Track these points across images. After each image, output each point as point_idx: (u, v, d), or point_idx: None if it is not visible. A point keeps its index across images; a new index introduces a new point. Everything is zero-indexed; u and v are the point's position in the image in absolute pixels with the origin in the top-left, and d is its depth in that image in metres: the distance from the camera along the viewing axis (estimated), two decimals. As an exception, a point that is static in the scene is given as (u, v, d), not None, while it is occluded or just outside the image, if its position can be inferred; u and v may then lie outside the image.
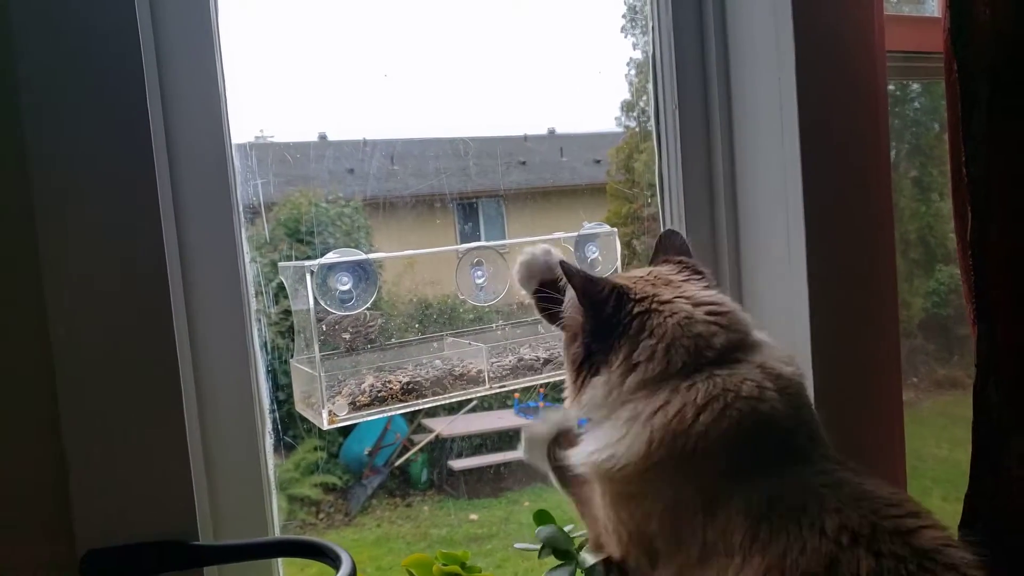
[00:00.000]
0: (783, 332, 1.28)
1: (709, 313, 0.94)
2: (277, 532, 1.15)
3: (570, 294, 1.00)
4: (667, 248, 1.10)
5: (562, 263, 0.96)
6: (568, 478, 1.04)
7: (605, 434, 0.91)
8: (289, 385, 1.20)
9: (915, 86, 1.93)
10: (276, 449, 1.18)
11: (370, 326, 1.19)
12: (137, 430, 0.94)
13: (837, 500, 0.80)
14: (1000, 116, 0.96)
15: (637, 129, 1.73)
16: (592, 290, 0.96)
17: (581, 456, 0.93)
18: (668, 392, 0.88)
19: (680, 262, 1.06)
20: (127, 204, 0.93)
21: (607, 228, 1.25)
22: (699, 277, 1.02)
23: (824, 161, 1.22)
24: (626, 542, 0.93)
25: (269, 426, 1.14)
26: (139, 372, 0.94)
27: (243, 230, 1.11)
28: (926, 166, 1.95)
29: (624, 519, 0.92)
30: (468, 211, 1.63)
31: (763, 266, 1.33)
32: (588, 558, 1.01)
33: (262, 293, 1.19)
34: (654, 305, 0.94)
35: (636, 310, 0.94)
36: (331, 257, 1.12)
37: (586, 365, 0.97)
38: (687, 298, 0.95)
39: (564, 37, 1.53)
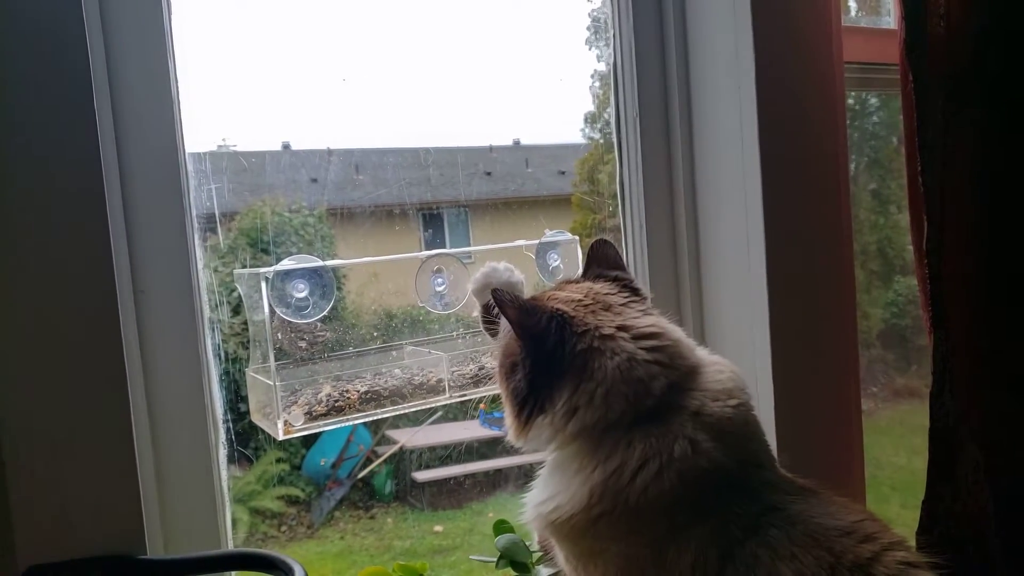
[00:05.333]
0: (742, 340, 1.27)
1: (651, 350, 0.90)
2: (231, 545, 1.11)
3: (505, 323, 0.96)
4: (600, 260, 1.05)
5: (495, 291, 0.91)
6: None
7: (549, 483, 0.90)
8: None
9: (873, 100, 1.96)
10: (234, 460, 1.15)
11: (319, 335, 1.16)
12: (82, 439, 0.91)
13: (790, 543, 0.79)
14: (954, 127, 0.96)
15: (601, 141, 1.73)
16: (529, 322, 0.91)
17: (530, 506, 0.91)
18: (609, 447, 0.85)
19: (616, 279, 1.01)
20: (72, 209, 0.91)
21: (568, 236, 1.24)
22: (637, 299, 0.98)
23: (784, 170, 1.22)
24: None
25: (223, 436, 1.11)
26: (83, 379, 0.91)
27: (196, 237, 1.08)
28: (884, 179, 1.97)
29: (574, 564, 0.91)
30: (432, 221, 1.61)
31: (723, 275, 1.33)
32: (543, 571, 0.99)
33: (219, 304, 1.16)
34: (596, 343, 0.89)
35: (579, 347, 0.89)
36: (287, 264, 1.09)
37: (530, 401, 0.91)
38: (627, 331, 0.91)
39: (529, 48, 1.53)
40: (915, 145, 0.98)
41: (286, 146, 1.42)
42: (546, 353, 0.90)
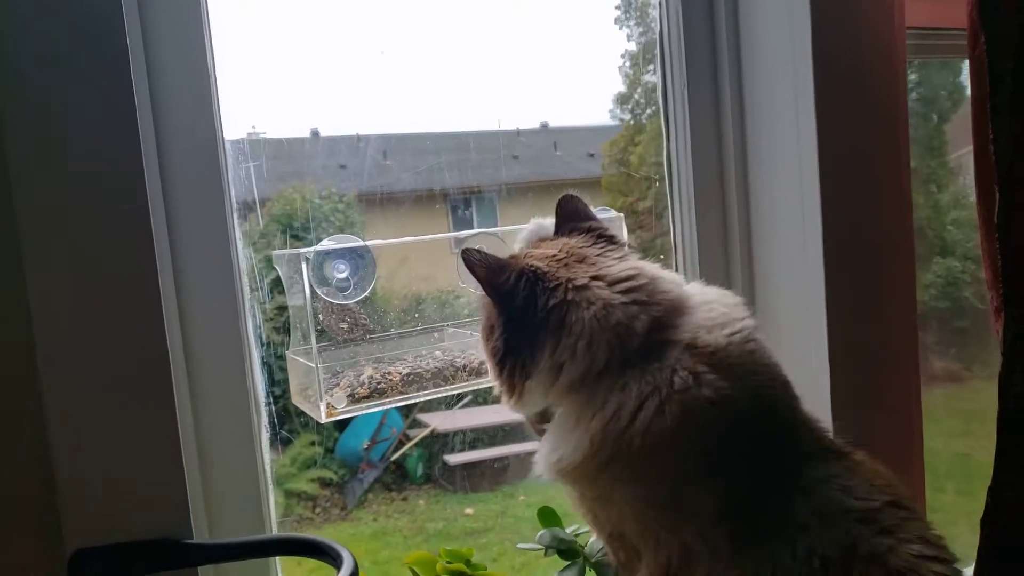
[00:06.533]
0: (797, 317, 1.22)
1: (627, 291, 0.85)
2: (275, 529, 1.08)
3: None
4: (570, 215, 1.00)
5: (464, 250, 0.87)
6: None
7: (553, 436, 0.87)
8: (285, 380, 1.14)
9: (912, 76, 1.89)
10: (273, 444, 1.12)
11: (360, 316, 1.12)
12: (127, 425, 0.88)
13: (808, 512, 0.75)
14: None
15: (631, 122, 1.69)
16: (498, 280, 0.87)
17: (540, 461, 0.88)
18: (604, 392, 0.81)
19: (590, 229, 0.97)
20: (113, 196, 0.87)
21: (612, 213, 1.19)
22: (613, 247, 0.94)
23: (842, 141, 1.15)
24: (607, 540, 0.89)
25: (265, 420, 1.07)
26: (127, 365, 0.88)
27: (235, 218, 1.05)
28: (924, 157, 1.90)
29: (601, 521, 0.88)
30: (461, 206, 1.58)
31: (777, 251, 1.26)
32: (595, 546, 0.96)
33: (257, 289, 1.13)
34: (570, 296, 0.86)
35: (552, 302, 0.86)
36: (327, 244, 1.05)
37: (509, 360, 0.89)
38: (602, 279, 0.87)
39: (557, 29, 1.47)
40: (984, 112, 0.92)
41: (314, 132, 1.40)
42: (517, 310, 0.87)
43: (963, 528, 1.07)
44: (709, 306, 0.88)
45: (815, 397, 1.18)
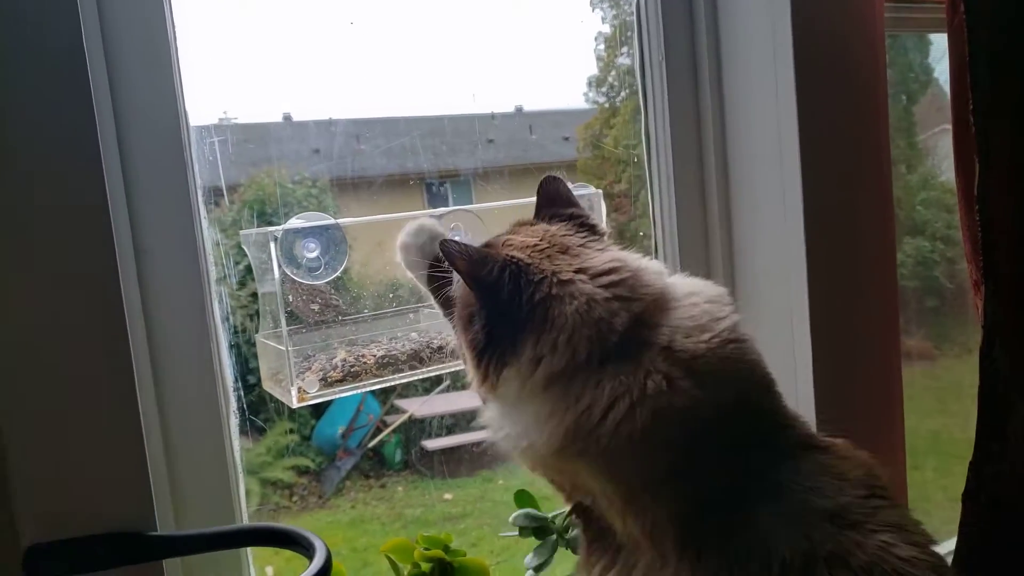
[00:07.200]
0: (778, 298, 1.19)
1: (608, 286, 0.84)
2: (246, 519, 1.03)
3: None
4: (552, 199, 0.98)
5: (443, 242, 0.85)
6: (450, 302, 0.95)
7: (524, 420, 0.84)
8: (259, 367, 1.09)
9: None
10: (246, 432, 1.08)
11: (331, 297, 1.08)
12: (84, 411, 0.82)
13: (769, 520, 0.73)
14: (1003, 64, 0.88)
15: (607, 104, 1.67)
16: (481, 273, 0.85)
17: (506, 443, 0.86)
18: (578, 388, 0.80)
19: (571, 216, 0.95)
20: (69, 178, 0.83)
21: (592, 189, 1.15)
22: (595, 237, 0.92)
23: (822, 114, 1.12)
24: (569, 493, 0.89)
25: (234, 406, 1.02)
26: (84, 347, 0.82)
27: (200, 202, 1.00)
28: (893, 138, 1.89)
29: (559, 482, 0.89)
30: (436, 190, 1.55)
31: (758, 232, 1.23)
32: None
33: (226, 275, 1.09)
34: (554, 290, 0.83)
35: (537, 296, 0.83)
36: (296, 222, 1.00)
37: (488, 351, 0.86)
38: (586, 272, 0.85)
39: (531, 12, 1.44)
40: (963, 82, 0.89)
41: (287, 117, 1.37)
42: (502, 303, 0.85)
43: (941, 504, 1.06)
44: (691, 302, 0.86)
45: (797, 380, 1.16)
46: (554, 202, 0.97)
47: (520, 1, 1.42)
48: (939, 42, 1.71)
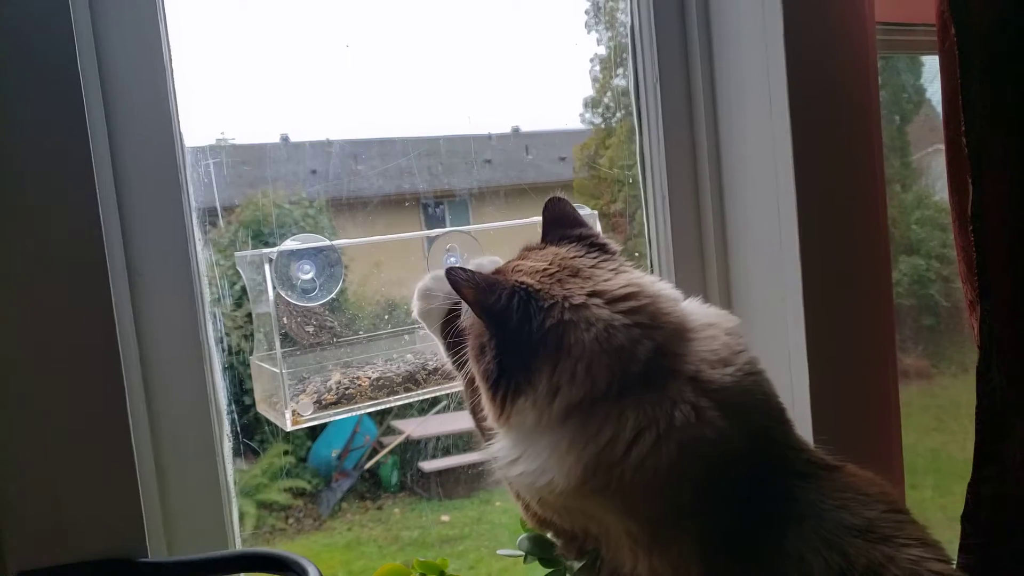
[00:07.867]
0: (774, 317, 1.19)
1: (628, 312, 0.80)
2: (239, 543, 1.01)
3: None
4: (559, 220, 0.94)
5: (450, 270, 0.80)
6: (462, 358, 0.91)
7: (541, 454, 0.79)
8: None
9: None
10: (241, 454, 1.06)
11: (326, 319, 1.06)
12: (75, 435, 0.81)
13: (801, 541, 0.71)
14: (995, 85, 0.87)
15: (602, 125, 1.67)
16: (488, 301, 0.80)
17: (513, 471, 0.82)
18: (599, 420, 0.76)
19: (580, 237, 0.91)
20: (62, 199, 0.82)
21: (588, 210, 1.14)
22: (607, 257, 0.88)
23: (816, 136, 1.12)
24: (575, 539, 0.86)
25: (227, 428, 1.01)
26: (76, 368, 0.81)
27: (195, 223, 0.99)
28: (887, 158, 1.90)
29: (566, 528, 0.85)
30: (433, 210, 1.54)
31: (753, 249, 1.23)
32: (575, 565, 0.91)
33: (221, 297, 1.08)
34: (567, 316, 0.79)
35: (548, 323, 0.79)
36: (291, 244, 0.99)
37: (503, 382, 0.82)
38: (600, 295, 0.81)
39: (527, 34, 1.45)
40: (955, 104, 0.89)
41: (284, 138, 1.34)
42: (511, 332, 0.80)
43: (940, 524, 1.04)
44: (710, 333, 0.83)
45: (794, 399, 1.15)
46: (560, 223, 0.94)
47: (516, 23, 1.42)
48: (931, 63, 1.72)
